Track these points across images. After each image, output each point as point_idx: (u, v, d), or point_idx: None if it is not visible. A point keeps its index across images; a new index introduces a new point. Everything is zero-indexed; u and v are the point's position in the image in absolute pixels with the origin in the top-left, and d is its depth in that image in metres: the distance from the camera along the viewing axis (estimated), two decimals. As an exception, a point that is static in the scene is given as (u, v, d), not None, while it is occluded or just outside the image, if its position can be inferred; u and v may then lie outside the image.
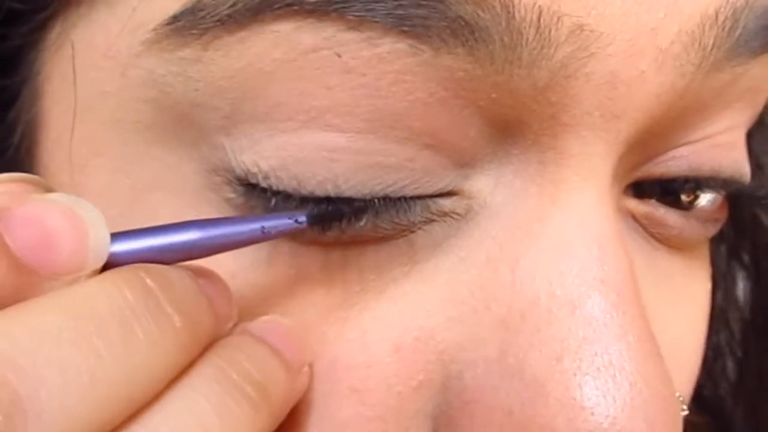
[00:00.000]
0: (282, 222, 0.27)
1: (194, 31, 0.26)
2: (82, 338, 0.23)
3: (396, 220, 0.27)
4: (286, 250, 0.28)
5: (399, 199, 0.27)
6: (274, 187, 0.27)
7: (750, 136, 0.33)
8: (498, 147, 0.28)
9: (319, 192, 0.27)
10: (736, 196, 0.32)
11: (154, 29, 0.27)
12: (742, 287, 0.44)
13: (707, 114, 0.29)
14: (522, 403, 0.27)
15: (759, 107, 0.31)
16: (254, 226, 0.27)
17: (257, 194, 0.27)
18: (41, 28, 0.30)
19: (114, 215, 0.29)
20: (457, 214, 0.28)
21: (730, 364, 0.45)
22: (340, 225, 0.27)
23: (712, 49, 0.27)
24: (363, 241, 0.28)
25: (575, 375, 0.26)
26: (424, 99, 0.26)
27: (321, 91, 0.26)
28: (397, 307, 0.28)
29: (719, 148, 0.30)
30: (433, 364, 0.28)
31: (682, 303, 0.32)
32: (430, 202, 0.28)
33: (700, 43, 0.27)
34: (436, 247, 0.28)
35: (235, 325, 0.28)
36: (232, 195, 0.28)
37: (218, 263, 0.27)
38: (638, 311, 0.27)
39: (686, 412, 0.32)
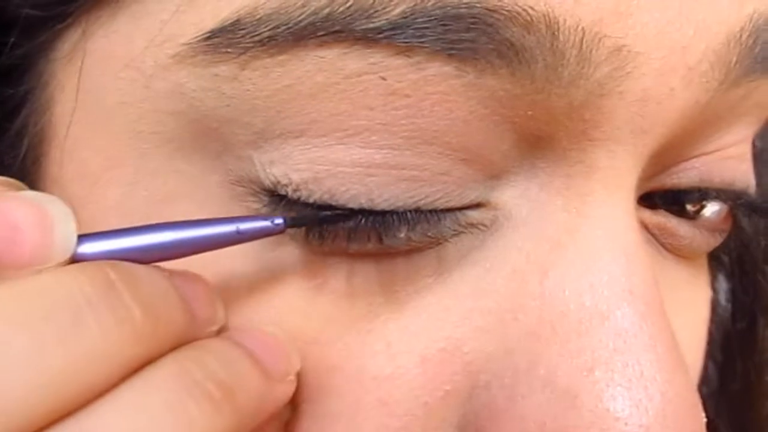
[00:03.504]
0: (258, 224, 0.27)
1: (231, 50, 0.26)
2: (28, 320, 0.23)
3: (429, 234, 0.28)
4: (310, 260, 0.28)
5: (430, 212, 0.27)
6: (304, 199, 0.27)
7: None
8: (525, 160, 0.28)
9: (352, 204, 0.27)
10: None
11: (187, 44, 0.26)
12: (722, 289, 0.45)
13: (721, 127, 0.30)
14: (554, 414, 0.27)
15: (763, 121, 0.32)
16: (229, 227, 0.27)
17: (284, 205, 0.27)
18: (55, 37, 0.29)
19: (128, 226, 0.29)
20: (484, 225, 0.29)
21: (711, 369, 0.46)
22: (378, 238, 0.27)
23: (734, 65, 0.28)
24: (391, 253, 0.28)
25: (608, 386, 0.27)
26: (463, 117, 0.26)
27: (362, 112, 0.26)
28: (422, 318, 0.28)
29: (729, 160, 0.31)
30: (460, 375, 0.28)
31: (687, 310, 0.33)
32: (459, 214, 0.28)
33: (724, 61, 0.28)
34: (463, 258, 0.29)
35: (222, 330, 0.28)
36: (257, 205, 0.28)
37: (233, 265, 0.28)
38: (664, 321, 0.28)
39: None
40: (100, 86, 0.29)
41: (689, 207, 0.32)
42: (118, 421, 0.24)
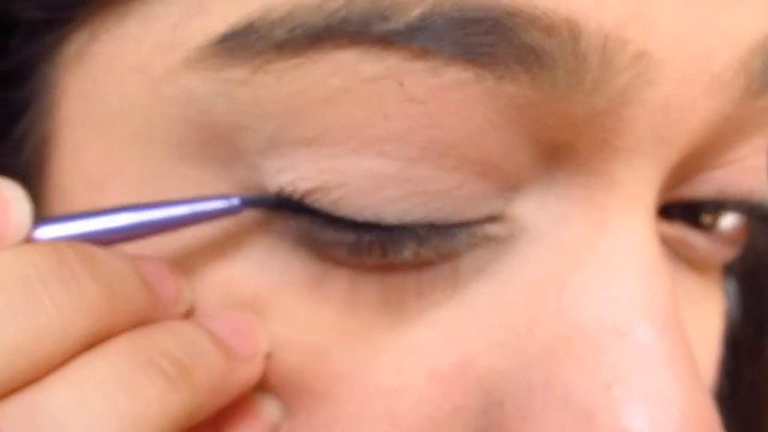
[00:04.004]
0: (213, 204, 0.27)
1: (244, 54, 0.25)
2: None
3: (440, 250, 0.27)
4: (314, 270, 0.27)
5: (443, 226, 0.27)
6: (306, 206, 0.26)
7: None
8: (543, 171, 0.27)
9: (358, 218, 0.26)
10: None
11: (198, 48, 0.26)
12: (731, 295, 0.45)
13: (741, 137, 0.30)
14: None
15: None
16: (184, 208, 0.27)
17: (285, 214, 0.27)
18: (61, 40, 0.28)
19: None
20: (500, 238, 0.28)
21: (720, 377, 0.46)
22: (382, 253, 0.27)
23: (758, 75, 0.27)
24: (403, 267, 0.27)
25: (626, 404, 0.26)
26: (480, 126, 0.25)
27: (378, 120, 0.25)
28: (435, 332, 0.28)
29: (747, 171, 0.31)
30: (473, 391, 0.28)
31: (703, 323, 0.33)
32: (475, 228, 0.27)
33: (748, 70, 0.27)
34: (480, 272, 0.28)
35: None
36: (263, 215, 0.27)
37: (235, 271, 0.28)
38: (683, 338, 0.27)
39: None
40: (106, 90, 0.28)
41: (706, 218, 0.31)
42: (68, 396, 0.24)
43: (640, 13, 0.25)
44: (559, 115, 0.26)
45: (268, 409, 0.28)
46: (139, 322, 0.26)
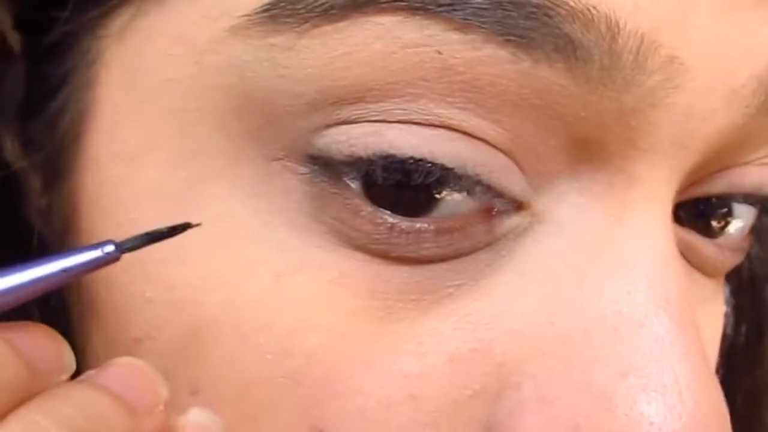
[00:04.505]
0: (87, 256, 0.25)
1: (290, 20, 0.26)
2: None
3: (456, 246, 0.28)
4: (345, 258, 0.28)
5: (476, 183, 0.27)
6: (359, 153, 0.27)
7: None
8: (569, 163, 0.28)
9: (413, 153, 0.27)
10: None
11: (245, 15, 0.27)
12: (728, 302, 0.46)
13: (752, 145, 0.31)
14: (588, 416, 0.27)
15: None
16: (53, 268, 0.25)
17: (330, 171, 0.27)
18: (106, 14, 0.29)
19: (167, 209, 0.29)
20: (521, 229, 0.29)
21: None
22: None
23: None
24: (428, 259, 0.28)
25: (643, 391, 0.27)
26: (515, 101, 0.26)
27: (418, 82, 0.26)
28: (453, 320, 0.28)
29: (759, 167, 0.32)
30: (491, 375, 0.28)
31: (708, 327, 0.34)
32: (495, 221, 0.28)
33: (764, 87, 0.29)
34: (498, 263, 0.29)
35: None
36: (305, 174, 0.28)
37: (259, 256, 0.28)
38: (696, 332, 0.28)
39: None
40: (148, 64, 0.29)
41: (714, 223, 0.32)
42: None
43: (674, 19, 0.26)
44: (589, 108, 0.27)
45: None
46: (22, 399, 0.24)
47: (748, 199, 0.32)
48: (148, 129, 0.29)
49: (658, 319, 0.28)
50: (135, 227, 0.28)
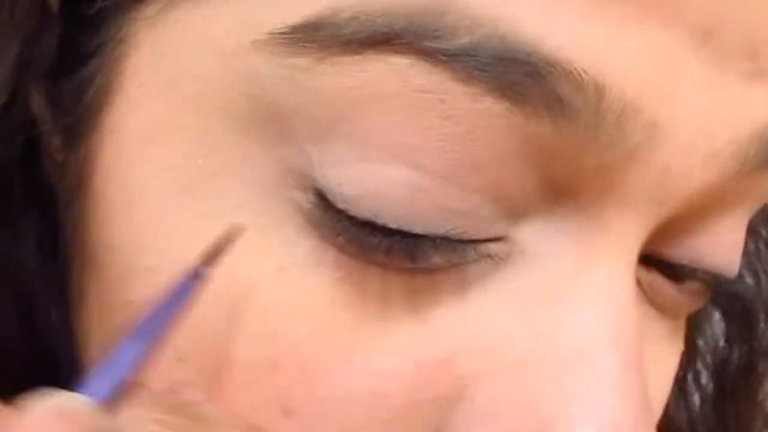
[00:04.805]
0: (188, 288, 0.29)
1: (311, 45, 0.28)
2: None
3: (452, 260, 0.30)
4: (343, 263, 0.30)
5: (456, 241, 0.29)
6: (350, 213, 0.29)
7: None
8: (546, 204, 0.30)
9: (393, 226, 0.29)
10: None
11: (270, 33, 0.28)
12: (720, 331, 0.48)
13: (724, 207, 0.33)
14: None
15: (756, 209, 0.35)
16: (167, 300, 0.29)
17: (329, 213, 0.29)
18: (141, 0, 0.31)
19: (179, 191, 0.31)
20: (500, 257, 0.31)
21: (708, 411, 0.48)
22: (411, 258, 0.29)
23: (751, 158, 0.31)
24: (414, 270, 0.30)
25: (581, 423, 0.29)
26: (502, 155, 0.28)
27: (417, 131, 0.28)
28: (429, 327, 0.31)
29: (722, 246, 0.34)
30: (450, 385, 0.31)
31: (660, 363, 0.36)
32: (480, 246, 0.30)
33: (743, 153, 0.30)
34: (481, 281, 0.31)
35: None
36: (303, 202, 0.30)
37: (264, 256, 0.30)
38: (641, 373, 0.31)
39: None
40: (176, 55, 0.30)
41: (678, 273, 0.34)
42: None
43: (659, 88, 0.28)
44: (571, 161, 0.29)
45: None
46: None
47: (705, 275, 0.34)
48: (170, 115, 0.31)
49: (607, 358, 0.30)
50: (147, 202, 0.31)
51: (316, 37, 0.28)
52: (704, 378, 0.49)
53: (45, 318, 0.36)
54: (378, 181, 0.28)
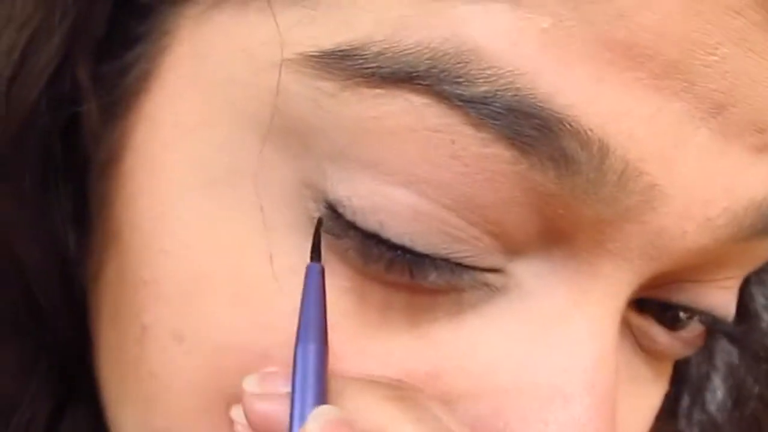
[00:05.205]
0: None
1: (337, 72, 0.29)
2: None
3: (451, 282, 0.31)
4: (352, 275, 0.32)
5: (456, 264, 0.31)
6: (358, 225, 0.30)
7: None
8: (544, 246, 0.32)
9: (396, 240, 0.30)
10: None
11: (301, 54, 0.30)
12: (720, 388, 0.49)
13: (719, 267, 0.34)
14: None
15: (760, 265, 0.36)
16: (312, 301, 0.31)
17: (339, 223, 0.31)
18: None
19: (201, 184, 0.33)
20: (495, 287, 0.32)
21: None
22: (410, 274, 0.31)
23: (747, 226, 0.31)
24: (416, 289, 0.32)
25: None
26: (505, 199, 0.30)
27: (426, 165, 0.29)
28: (422, 341, 0.32)
29: (719, 290, 0.35)
30: (436, 398, 0.32)
31: (638, 401, 0.37)
32: (477, 273, 0.31)
33: (740, 221, 0.31)
34: (476, 307, 0.32)
35: None
36: (315, 213, 0.31)
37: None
38: (612, 420, 0.32)
39: None
40: (215, 57, 0.32)
41: (671, 320, 0.36)
42: None
43: (663, 153, 0.29)
44: (570, 210, 0.30)
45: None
46: None
47: (702, 317, 0.35)
48: (203, 111, 0.32)
49: (581, 400, 0.31)
50: (171, 189, 0.33)
51: (343, 65, 0.29)
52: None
53: (81, 287, 0.38)
54: (385, 199, 0.30)
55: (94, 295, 0.37)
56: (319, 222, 0.31)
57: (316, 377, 0.30)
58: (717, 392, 0.51)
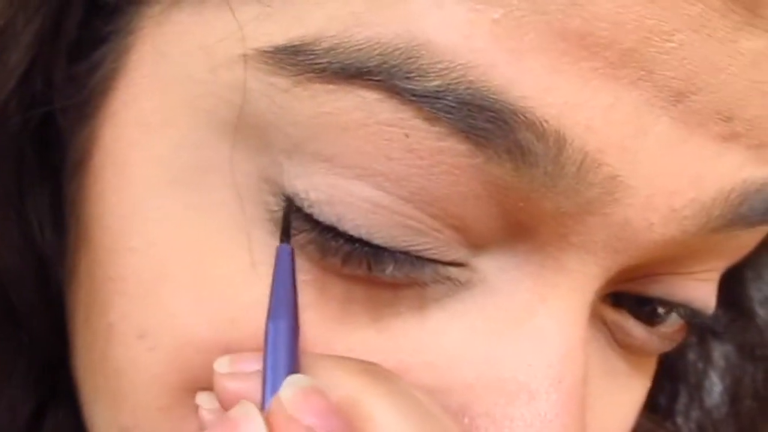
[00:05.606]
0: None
1: (290, 68, 0.29)
2: None
3: (411, 275, 0.31)
4: (311, 268, 0.31)
5: (416, 257, 0.30)
6: (315, 217, 0.30)
7: None
8: (507, 241, 0.31)
9: (353, 233, 0.30)
10: None
11: (256, 50, 0.30)
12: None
13: (694, 259, 0.33)
14: None
15: (739, 258, 0.35)
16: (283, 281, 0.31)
17: (295, 216, 0.31)
18: None
19: (166, 181, 0.32)
20: (459, 281, 0.32)
21: None
22: (368, 267, 0.30)
23: (716, 217, 0.31)
24: (379, 284, 0.31)
25: None
26: (463, 192, 0.29)
27: (381, 159, 0.29)
28: (386, 335, 0.32)
29: (697, 282, 0.34)
30: None
31: (618, 395, 0.37)
32: (440, 267, 0.31)
33: (707, 212, 0.31)
34: (439, 302, 0.32)
35: None
36: (275, 207, 0.31)
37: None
38: (581, 416, 0.32)
39: None
40: (174, 56, 0.32)
41: (649, 315, 0.35)
42: None
43: (623, 144, 0.29)
44: (530, 203, 0.30)
45: None
46: None
47: (680, 309, 0.35)
48: (164, 109, 0.32)
49: (547, 396, 0.31)
50: (138, 187, 0.33)
51: (294, 61, 0.29)
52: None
53: (58, 286, 0.38)
54: (342, 192, 0.30)
55: (69, 295, 0.37)
56: (289, 205, 0.31)
57: (287, 351, 0.30)
58: (714, 389, 0.50)
